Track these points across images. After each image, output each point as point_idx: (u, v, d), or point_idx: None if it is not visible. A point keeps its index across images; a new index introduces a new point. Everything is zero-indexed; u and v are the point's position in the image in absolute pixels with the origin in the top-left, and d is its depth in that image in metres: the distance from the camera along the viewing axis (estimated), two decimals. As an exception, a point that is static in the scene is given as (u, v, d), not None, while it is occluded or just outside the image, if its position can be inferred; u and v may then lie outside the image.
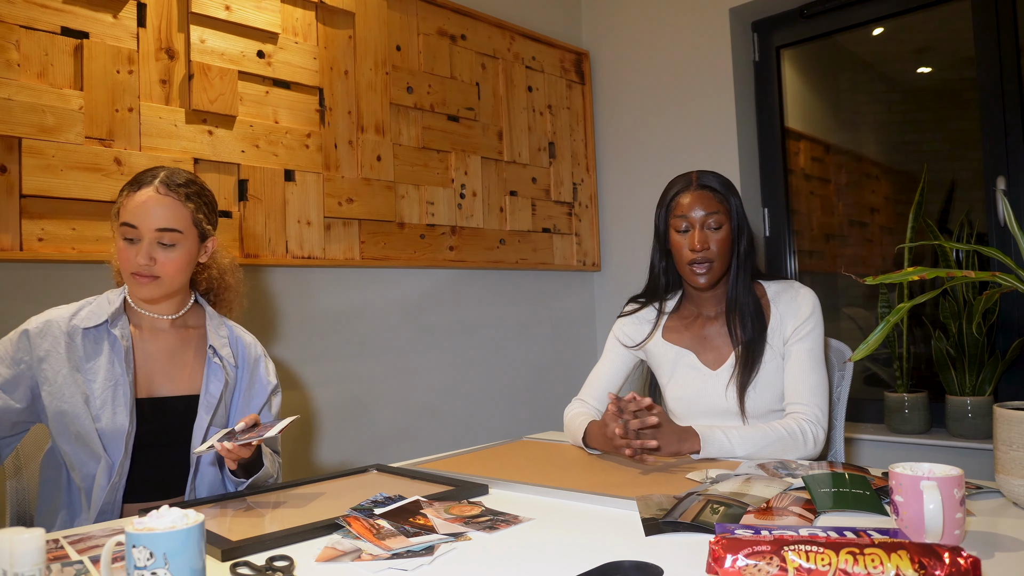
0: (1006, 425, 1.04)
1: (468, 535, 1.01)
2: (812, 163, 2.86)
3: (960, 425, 2.22)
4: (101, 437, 1.30)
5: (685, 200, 1.58)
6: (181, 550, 0.73)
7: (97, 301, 1.39)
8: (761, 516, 1.01)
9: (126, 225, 1.34)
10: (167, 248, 1.35)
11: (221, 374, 1.44)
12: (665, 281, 1.69)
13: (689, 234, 1.57)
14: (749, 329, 1.57)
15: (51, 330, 1.33)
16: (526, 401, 2.85)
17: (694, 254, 1.55)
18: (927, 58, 2.59)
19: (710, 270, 1.56)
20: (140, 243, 1.34)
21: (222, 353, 1.45)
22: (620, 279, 3.09)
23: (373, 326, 2.37)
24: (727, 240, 1.57)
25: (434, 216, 2.53)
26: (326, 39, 2.26)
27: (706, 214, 1.55)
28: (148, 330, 1.43)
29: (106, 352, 1.34)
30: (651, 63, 2.99)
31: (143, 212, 1.33)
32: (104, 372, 1.33)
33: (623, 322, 1.76)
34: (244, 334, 1.54)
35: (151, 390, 1.39)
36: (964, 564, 0.72)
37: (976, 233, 2.34)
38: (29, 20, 1.70)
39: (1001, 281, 1.09)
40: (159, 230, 1.34)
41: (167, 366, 1.42)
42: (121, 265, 1.36)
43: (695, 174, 1.61)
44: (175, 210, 1.36)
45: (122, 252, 1.35)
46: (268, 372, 1.53)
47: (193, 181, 1.41)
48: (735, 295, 1.59)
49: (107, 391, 1.32)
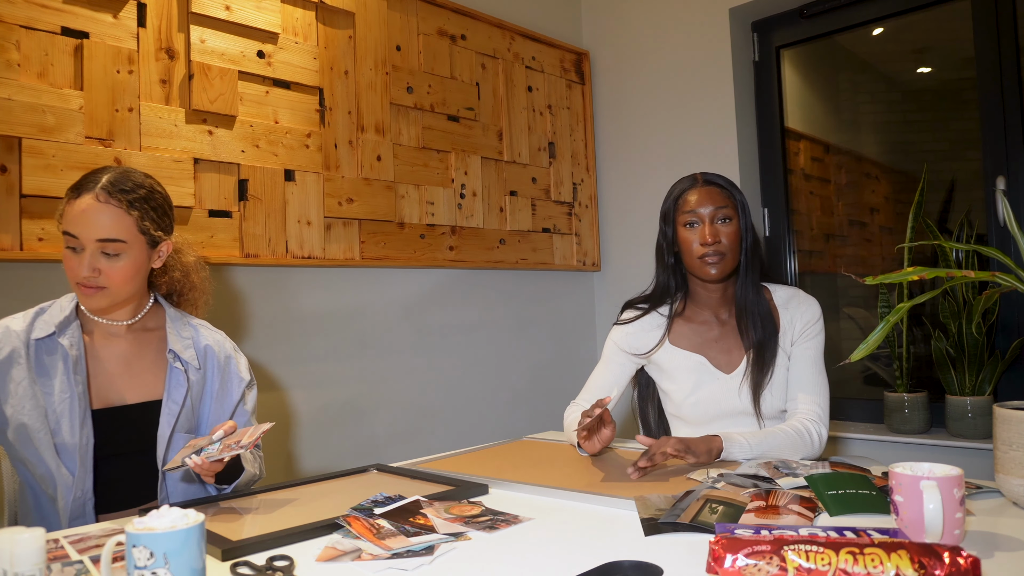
0: (1006, 425, 1.04)
1: (468, 535, 1.01)
2: (812, 163, 2.86)
3: (960, 425, 2.22)
4: (60, 452, 1.26)
5: (692, 197, 1.57)
6: (181, 550, 0.74)
7: (50, 309, 1.34)
8: (761, 515, 1.01)
9: (67, 234, 1.26)
10: (111, 257, 1.28)
11: (183, 378, 1.38)
12: (675, 284, 1.67)
13: (699, 228, 1.55)
14: (760, 330, 1.56)
15: (10, 339, 1.27)
16: (526, 401, 2.85)
17: (705, 247, 1.54)
18: (927, 58, 2.59)
19: (722, 261, 1.55)
20: (83, 252, 1.26)
21: (184, 356, 1.39)
22: (620, 279, 3.09)
23: (373, 326, 2.37)
24: (737, 234, 1.56)
25: (434, 216, 2.53)
26: (326, 39, 2.26)
27: (715, 208, 1.55)
28: (101, 336, 1.36)
29: (60, 363, 1.28)
30: (651, 63, 2.99)
31: (82, 221, 1.25)
32: (59, 384, 1.27)
33: (624, 331, 1.69)
34: (211, 332, 1.47)
35: (108, 399, 1.33)
36: (964, 564, 0.72)
37: (976, 233, 2.34)
38: (29, 20, 1.70)
39: (1001, 281, 1.09)
40: (101, 240, 1.26)
41: (125, 373, 1.36)
42: (67, 273, 1.29)
43: (699, 174, 1.61)
44: (117, 219, 1.27)
45: (66, 260, 1.28)
46: (240, 368, 1.47)
47: (140, 185, 1.32)
48: (744, 294, 1.59)
49: (62, 404, 1.26)
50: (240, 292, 2.06)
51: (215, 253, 1.98)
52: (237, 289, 2.05)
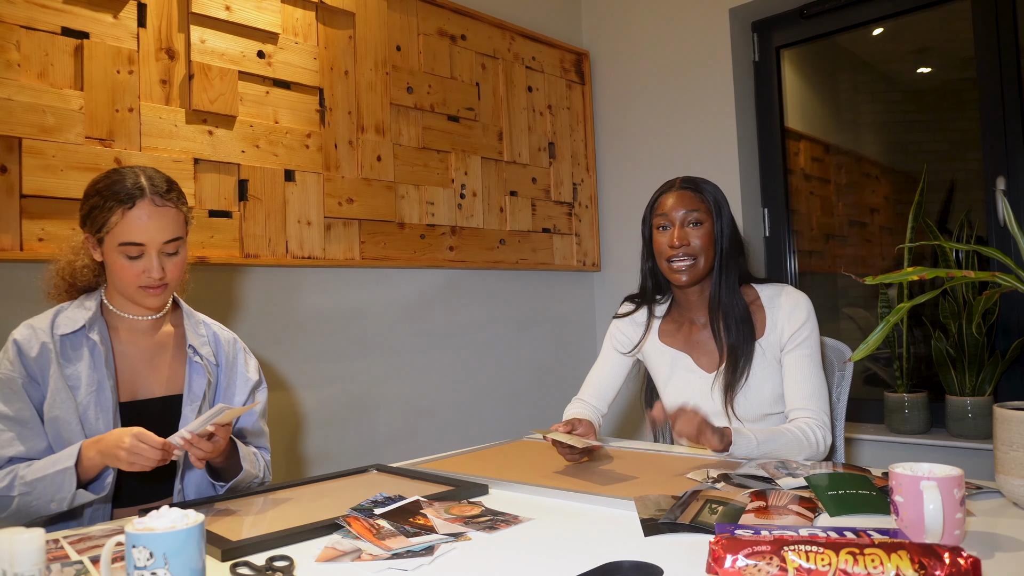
0: (1006, 425, 1.04)
1: (468, 535, 1.01)
2: (812, 163, 2.86)
3: (960, 425, 2.22)
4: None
5: (667, 200, 1.59)
6: (181, 550, 0.74)
7: (70, 309, 1.36)
8: (761, 516, 1.01)
9: (130, 244, 1.29)
10: (171, 256, 1.34)
11: (203, 372, 1.42)
12: (653, 283, 1.70)
13: (669, 231, 1.57)
14: (733, 334, 1.55)
15: (38, 336, 1.30)
16: (526, 401, 2.85)
17: (673, 250, 1.55)
18: (927, 58, 2.59)
19: (691, 267, 1.55)
20: (144, 258, 1.30)
21: (202, 352, 1.43)
22: (620, 279, 3.09)
23: (373, 326, 2.37)
24: (708, 237, 1.56)
25: (434, 216, 2.53)
26: (326, 39, 2.26)
27: (686, 211, 1.56)
28: (126, 332, 1.40)
29: (86, 358, 1.31)
30: (651, 63, 2.99)
31: (148, 228, 1.29)
32: (86, 378, 1.30)
33: (619, 324, 1.76)
34: (221, 331, 1.51)
35: (133, 393, 1.37)
36: (964, 564, 0.72)
37: (976, 233, 2.34)
38: (29, 20, 1.70)
39: (1001, 281, 1.09)
40: (167, 242, 1.32)
41: (147, 368, 1.40)
42: (122, 281, 1.32)
43: (679, 178, 1.62)
44: (175, 219, 1.33)
45: (124, 269, 1.31)
46: (248, 367, 1.50)
47: (172, 181, 1.37)
48: (718, 296, 1.58)
49: (90, 396, 1.29)
50: (240, 292, 2.06)
51: (215, 253, 1.98)
52: (237, 289, 2.05)
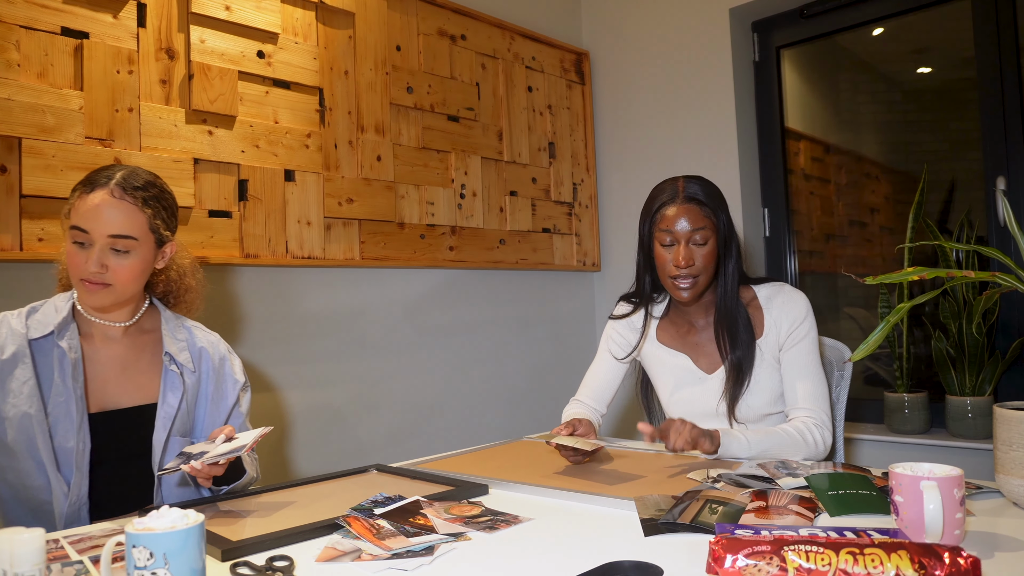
0: (1006, 425, 1.04)
1: (468, 535, 1.01)
2: (812, 163, 2.86)
3: (960, 425, 2.22)
4: (57, 457, 1.23)
5: (670, 213, 1.52)
6: (181, 550, 0.73)
7: (43, 308, 1.31)
8: (761, 516, 1.00)
9: (76, 229, 1.24)
10: (120, 255, 1.27)
11: (179, 382, 1.36)
12: (650, 287, 1.67)
13: (674, 249, 1.52)
14: (738, 343, 1.54)
15: (14, 337, 1.25)
16: (526, 401, 2.85)
17: (678, 270, 1.52)
18: (927, 58, 2.59)
19: (694, 285, 1.53)
20: (91, 248, 1.25)
21: (180, 359, 1.37)
22: (620, 279, 3.09)
23: (373, 326, 2.37)
24: (712, 254, 1.53)
25: (434, 216, 2.53)
26: (326, 39, 2.26)
27: (692, 229, 1.51)
28: (99, 338, 1.34)
29: (55, 365, 1.25)
30: (651, 63, 2.99)
31: (95, 216, 1.24)
32: (56, 387, 1.24)
33: (615, 325, 1.75)
34: (205, 334, 1.46)
35: (104, 403, 1.31)
36: (964, 564, 0.72)
37: (976, 233, 2.34)
38: (29, 20, 1.70)
39: (1001, 281, 1.09)
40: (112, 236, 1.25)
41: (120, 376, 1.34)
42: (70, 270, 1.27)
43: (681, 183, 1.55)
44: (130, 215, 1.26)
45: (72, 256, 1.25)
46: (235, 370, 1.46)
47: (153, 183, 1.32)
48: (723, 307, 1.56)
49: (58, 408, 1.24)
50: (240, 292, 2.06)
51: (215, 253, 1.98)
52: (237, 289, 2.05)
